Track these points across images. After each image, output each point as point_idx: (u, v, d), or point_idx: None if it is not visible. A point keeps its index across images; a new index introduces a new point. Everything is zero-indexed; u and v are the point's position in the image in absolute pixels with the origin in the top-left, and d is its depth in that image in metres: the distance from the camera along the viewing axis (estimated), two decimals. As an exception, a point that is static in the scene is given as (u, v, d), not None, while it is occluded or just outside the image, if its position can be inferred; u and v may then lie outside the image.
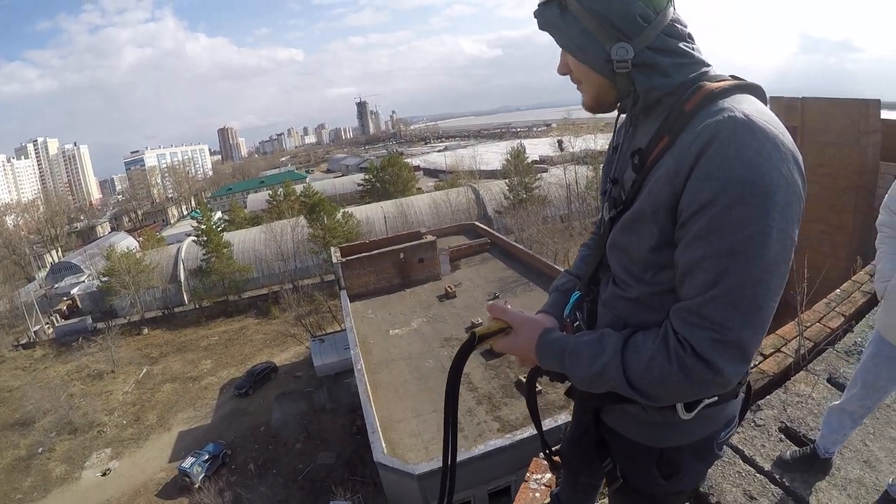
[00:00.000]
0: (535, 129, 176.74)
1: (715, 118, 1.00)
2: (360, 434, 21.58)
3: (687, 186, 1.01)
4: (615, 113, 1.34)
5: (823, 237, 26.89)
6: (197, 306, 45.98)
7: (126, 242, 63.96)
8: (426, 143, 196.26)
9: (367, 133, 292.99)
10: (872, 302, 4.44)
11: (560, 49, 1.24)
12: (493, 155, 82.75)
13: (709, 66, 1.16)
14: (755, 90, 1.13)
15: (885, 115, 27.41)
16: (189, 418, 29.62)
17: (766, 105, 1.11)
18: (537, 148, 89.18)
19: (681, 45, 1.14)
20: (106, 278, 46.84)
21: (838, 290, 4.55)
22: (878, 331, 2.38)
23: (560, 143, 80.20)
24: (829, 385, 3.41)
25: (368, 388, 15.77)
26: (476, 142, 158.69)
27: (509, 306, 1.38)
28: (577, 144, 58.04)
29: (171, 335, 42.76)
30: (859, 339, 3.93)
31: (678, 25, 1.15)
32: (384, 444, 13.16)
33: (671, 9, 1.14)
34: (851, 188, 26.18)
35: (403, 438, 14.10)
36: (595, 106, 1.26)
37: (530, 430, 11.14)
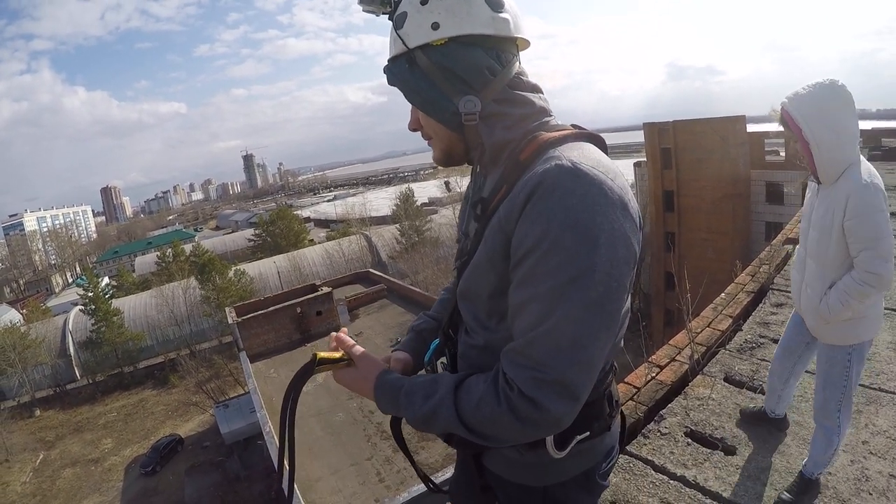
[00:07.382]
0: (422, 172, 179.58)
1: (543, 166, 1.02)
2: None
3: (515, 232, 1.02)
4: None
5: (706, 244, 29.16)
6: (90, 381, 42.63)
7: (9, 316, 58.05)
8: (315, 194, 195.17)
9: (255, 187, 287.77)
10: (757, 300, 4.72)
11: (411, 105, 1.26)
12: (382, 201, 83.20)
13: (550, 115, 1.20)
14: (593, 138, 1.18)
15: (751, 128, 30.25)
16: (96, 505, 27.13)
17: (605, 151, 1.15)
18: (426, 190, 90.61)
19: (526, 95, 1.18)
20: (-12, 358, 42.28)
21: (723, 294, 4.82)
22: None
23: (447, 184, 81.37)
24: (726, 384, 3.55)
25: (280, 450, 15.12)
26: (365, 189, 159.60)
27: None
28: (464, 184, 59.28)
29: (65, 415, 39.25)
30: (749, 336, 4.14)
31: (523, 77, 1.19)
32: (304, 508, 12.56)
33: (517, 62, 1.18)
34: (728, 196, 28.68)
35: (325, 497, 13.47)
36: (445, 159, 1.27)
37: (451, 471, 11.01)
